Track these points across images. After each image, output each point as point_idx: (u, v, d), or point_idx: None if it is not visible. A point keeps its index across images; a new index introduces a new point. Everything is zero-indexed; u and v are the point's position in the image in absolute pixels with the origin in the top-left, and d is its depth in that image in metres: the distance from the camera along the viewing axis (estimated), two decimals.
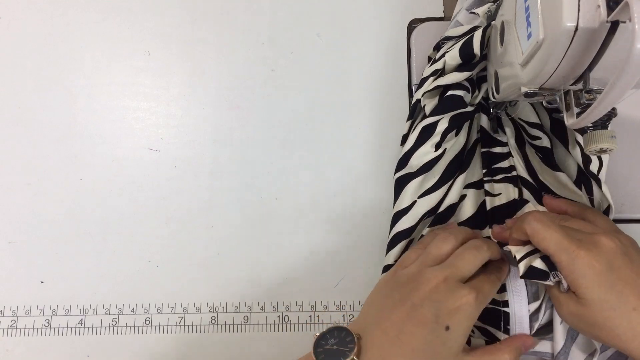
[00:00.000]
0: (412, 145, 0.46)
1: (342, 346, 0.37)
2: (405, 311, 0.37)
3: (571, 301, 0.38)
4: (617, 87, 0.29)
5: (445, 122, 0.46)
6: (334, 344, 0.38)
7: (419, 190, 0.46)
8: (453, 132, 0.46)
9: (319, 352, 0.37)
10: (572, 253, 0.37)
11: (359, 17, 0.54)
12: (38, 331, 0.46)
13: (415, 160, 0.46)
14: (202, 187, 0.50)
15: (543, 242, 0.38)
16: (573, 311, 0.38)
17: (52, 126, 0.50)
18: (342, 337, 0.38)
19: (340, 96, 0.52)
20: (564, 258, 0.37)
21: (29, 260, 0.48)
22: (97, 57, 0.52)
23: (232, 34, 0.53)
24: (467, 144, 0.48)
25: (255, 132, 0.51)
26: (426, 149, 0.46)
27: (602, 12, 0.30)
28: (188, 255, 0.48)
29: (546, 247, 0.38)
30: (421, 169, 0.46)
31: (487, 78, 0.48)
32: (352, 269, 0.48)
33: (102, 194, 0.49)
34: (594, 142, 0.38)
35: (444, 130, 0.46)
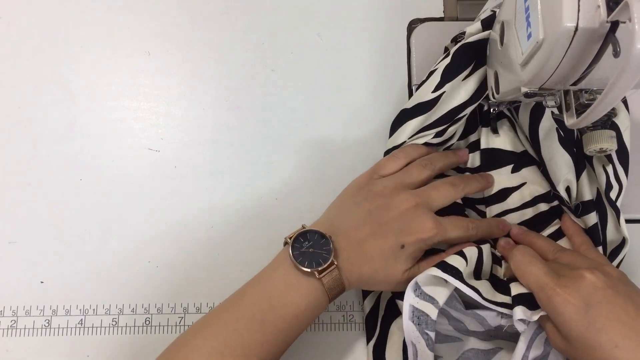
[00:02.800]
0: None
1: (318, 249, 0.39)
2: (373, 226, 0.40)
3: (557, 337, 0.38)
4: (617, 87, 0.29)
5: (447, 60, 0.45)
6: (309, 246, 0.39)
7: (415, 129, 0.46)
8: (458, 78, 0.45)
9: (297, 256, 0.39)
10: (549, 291, 0.37)
11: (359, 17, 0.54)
12: (38, 331, 0.46)
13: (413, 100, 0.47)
14: (202, 187, 0.50)
15: (524, 277, 0.39)
16: (559, 347, 0.38)
17: (52, 126, 0.50)
18: (315, 239, 0.40)
19: (340, 96, 0.52)
20: (541, 296, 0.38)
21: (29, 260, 0.48)
22: (97, 57, 0.52)
23: (232, 34, 0.53)
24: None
25: (255, 132, 0.51)
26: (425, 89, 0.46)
27: (602, 12, 0.30)
28: (188, 255, 0.48)
29: (527, 283, 0.39)
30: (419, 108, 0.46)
31: (487, 78, 0.48)
32: None
33: (102, 194, 0.49)
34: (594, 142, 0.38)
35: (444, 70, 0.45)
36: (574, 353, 0.37)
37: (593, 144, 0.38)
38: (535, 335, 0.40)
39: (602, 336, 0.35)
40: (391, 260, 0.40)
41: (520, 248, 0.42)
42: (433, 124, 0.46)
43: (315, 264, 0.38)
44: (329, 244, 0.40)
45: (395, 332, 0.45)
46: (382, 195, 0.42)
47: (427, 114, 0.46)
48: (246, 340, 0.37)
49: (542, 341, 0.41)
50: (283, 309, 0.38)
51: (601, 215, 0.44)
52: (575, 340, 0.36)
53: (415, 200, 0.41)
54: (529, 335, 0.40)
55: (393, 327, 0.45)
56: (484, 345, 0.45)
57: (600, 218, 0.44)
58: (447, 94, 0.45)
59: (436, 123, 0.46)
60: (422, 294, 0.40)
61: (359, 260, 0.40)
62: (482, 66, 0.45)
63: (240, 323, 0.38)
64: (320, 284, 0.39)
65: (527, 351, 0.40)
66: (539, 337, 0.41)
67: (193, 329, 0.39)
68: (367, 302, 0.46)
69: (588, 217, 0.45)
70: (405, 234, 0.40)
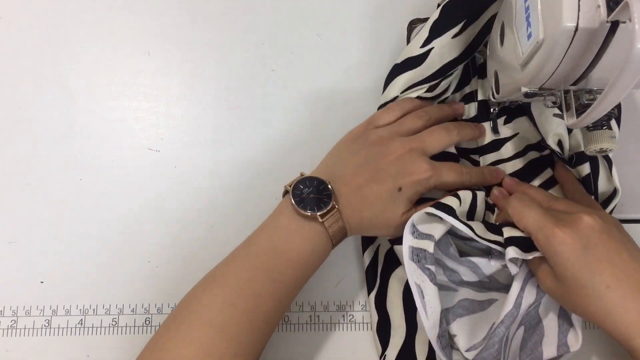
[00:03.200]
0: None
1: (318, 194, 0.40)
2: (370, 172, 0.41)
3: (549, 277, 0.39)
4: (617, 87, 0.29)
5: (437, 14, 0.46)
6: (309, 192, 0.40)
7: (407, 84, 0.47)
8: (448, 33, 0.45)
9: (298, 202, 0.39)
10: (548, 231, 0.38)
11: (359, 17, 0.54)
12: (38, 331, 0.46)
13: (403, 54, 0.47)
14: (202, 187, 0.50)
15: (522, 220, 0.40)
16: (551, 287, 0.39)
17: (52, 126, 0.50)
18: (315, 185, 0.40)
19: (340, 96, 0.52)
20: (540, 236, 0.38)
21: (29, 260, 0.48)
22: (97, 57, 0.52)
23: (232, 34, 0.53)
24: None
25: (255, 132, 0.51)
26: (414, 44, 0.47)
27: (602, 12, 0.30)
28: (188, 255, 0.48)
29: (525, 225, 0.40)
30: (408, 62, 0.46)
31: (487, 78, 0.48)
32: (352, 269, 0.48)
33: (102, 194, 0.49)
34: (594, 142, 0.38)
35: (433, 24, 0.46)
36: (565, 293, 0.38)
37: (593, 144, 0.38)
38: (527, 279, 0.42)
39: (596, 277, 0.37)
40: (389, 204, 0.41)
41: (516, 194, 0.43)
42: (425, 79, 0.47)
43: (316, 208, 0.39)
44: (328, 189, 0.40)
45: (394, 283, 0.46)
46: (377, 144, 0.43)
47: (417, 69, 0.46)
48: (257, 289, 0.38)
49: (534, 286, 0.42)
50: (288, 255, 0.39)
51: (593, 167, 0.45)
52: (569, 280, 0.37)
53: (410, 145, 0.42)
54: (522, 278, 0.41)
55: (392, 279, 0.46)
56: (479, 296, 0.45)
57: (593, 169, 0.45)
58: (437, 51, 0.46)
59: (429, 79, 0.47)
60: (419, 234, 0.41)
61: (358, 205, 0.41)
62: (473, 23, 0.45)
63: (249, 273, 0.38)
64: (322, 227, 0.39)
65: (522, 292, 0.41)
66: (530, 281, 0.42)
67: (202, 283, 0.39)
68: (366, 255, 0.47)
69: (582, 168, 0.45)
70: (401, 177, 0.41)
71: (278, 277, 0.39)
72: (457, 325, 0.44)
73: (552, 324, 0.43)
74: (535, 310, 0.44)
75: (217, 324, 0.36)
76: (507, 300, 0.41)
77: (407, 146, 0.42)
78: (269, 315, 0.38)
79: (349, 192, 0.41)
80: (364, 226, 0.42)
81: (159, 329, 0.39)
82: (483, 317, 0.44)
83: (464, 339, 0.43)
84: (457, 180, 0.44)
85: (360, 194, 0.41)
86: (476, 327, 0.43)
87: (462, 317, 0.44)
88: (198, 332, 0.36)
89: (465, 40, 0.46)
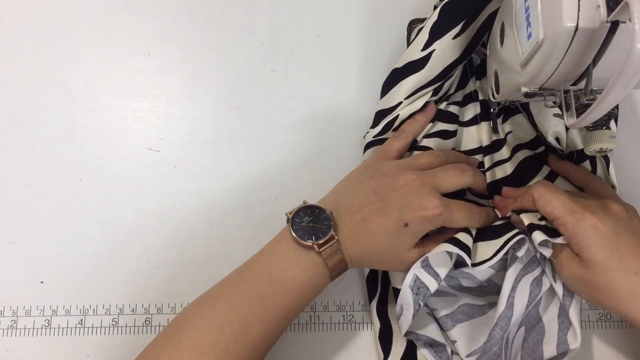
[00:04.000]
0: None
1: (318, 223, 0.39)
2: (376, 203, 0.40)
3: (574, 263, 0.39)
4: (617, 87, 0.29)
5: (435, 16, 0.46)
6: (309, 221, 0.39)
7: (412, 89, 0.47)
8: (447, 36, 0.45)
9: (297, 230, 0.39)
10: (577, 214, 0.38)
11: (359, 17, 0.54)
12: (38, 331, 0.46)
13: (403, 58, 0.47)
14: (202, 187, 0.50)
15: (549, 205, 0.39)
16: (575, 273, 0.39)
17: (52, 126, 0.50)
18: (316, 214, 0.40)
19: (340, 96, 0.52)
20: (569, 220, 0.38)
21: (29, 260, 0.47)
22: (97, 57, 0.52)
23: (232, 34, 0.53)
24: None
25: (255, 132, 0.51)
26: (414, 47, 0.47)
27: (602, 12, 0.30)
28: (188, 255, 0.48)
29: (552, 209, 0.39)
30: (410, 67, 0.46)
31: (487, 78, 0.48)
32: (352, 269, 0.48)
33: (102, 194, 0.49)
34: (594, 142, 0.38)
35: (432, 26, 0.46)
36: (590, 279, 0.38)
37: (593, 144, 0.38)
38: (519, 278, 0.42)
39: (624, 262, 0.37)
40: (394, 239, 0.40)
41: (541, 181, 0.42)
42: (430, 82, 0.47)
43: (314, 238, 0.38)
44: (329, 219, 0.39)
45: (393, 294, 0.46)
46: (388, 174, 0.42)
47: (420, 73, 0.46)
48: (247, 316, 0.37)
49: (527, 284, 0.42)
50: (283, 283, 0.38)
51: (591, 164, 0.46)
52: (597, 264, 0.38)
53: (422, 179, 0.41)
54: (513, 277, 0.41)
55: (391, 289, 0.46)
56: (478, 300, 0.45)
57: (592, 167, 0.46)
58: (438, 52, 0.45)
59: (433, 81, 0.47)
60: (427, 266, 0.41)
61: (361, 237, 0.40)
62: (473, 23, 0.45)
63: (241, 299, 0.38)
64: (320, 258, 0.39)
65: (513, 291, 0.41)
66: (523, 280, 0.42)
67: (194, 304, 0.39)
68: None
69: (583, 165, 0.46)
70: (408, 212, 0.39)
71: (271, 304, 0.38)
72: (457, 330, 0.43)
73: (552, 323, 0.43)
74: (535, 309, 0.44)
75: (202, 347, 0.36)
76: (499, 301, 0.41)
77: (419, 180, 0.40)
78: (257, 343, 0.37)
79: (352, 223, 0.40)
80: (366, 259, 0.41)
81: (149, 345, 0.38)
82: (483, 321, 0.44)
83: (464, 344, 0.43)
84: (465, 221, 0.42)
85: (365, 226, 0.40)
86: (476, 332, 0.43)
87: (462, 322, 0.44)
88: (182, 352, 0.36)
89: (466, 39, 0.46)
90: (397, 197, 0.40)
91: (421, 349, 0.43)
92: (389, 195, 0.40)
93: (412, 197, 0.40)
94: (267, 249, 0.40)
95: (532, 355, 0.43)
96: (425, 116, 0.48)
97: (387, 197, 0.40)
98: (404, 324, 0.41)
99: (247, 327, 0.37)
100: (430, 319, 0.44)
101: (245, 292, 0.38)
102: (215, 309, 0.38)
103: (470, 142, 0.50)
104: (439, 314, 0.44)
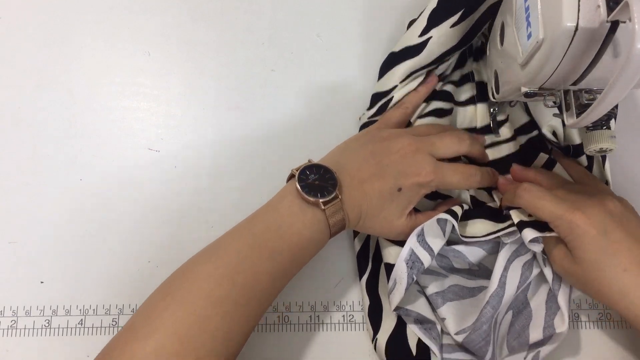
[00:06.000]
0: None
1: (323, 182, 0.40)
2: (374, 167, 0.41)
3: (565, 258, 0.40)
4: (617, 87, 0.29)
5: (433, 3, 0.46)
6: (314, 179, 0.40)
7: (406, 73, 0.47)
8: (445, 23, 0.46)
9: (303, 187, 0.39)
10: (568, 215, 0.38)
11: (359, 17, 0.54)
12: (38, 331, 0.46)
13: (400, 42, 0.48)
14: (202, 187, 0.50)
15: (538, 212, 0.40)
16: (566, 268, 0.40)
17: (52, 126, 0.50)
18: (321, 173, 0.40)
19: (340, 96, 0.52)
20: (559, 223, 0.39)
21: (29, 260, 0.48)
22: (97, 57, 0.52)
23: (232, 34, 0.53)
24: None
25: (255, 132, 0.51)
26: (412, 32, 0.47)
27: (602, 12, 0.30)
28: (188, 256, 0.48)
29: (542, 215, 0.40)
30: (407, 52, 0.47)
31: (487, 78, 0.48)
32: (352, 269, 0.48)
33: (102, 194, 0.49)
34: (593, 142, 0.38)
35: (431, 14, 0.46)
36: (581, 275, 0.39)
37: (593, 144, 0.38)
38: (512, 259, 0.43)
39: (614, 260, 0.38)
40: (387, 203, 0.41)
41: (524, 186, 0.42)
42: (425, 66, 0.47)
43: (320, 195, 0.39)
44: (334, 178, 0.40)
45: (384, 271, 0.46)
46: (386, 139, 0.43)
47: (416, 58, 0.46)
48: (257, 267, 0.37)
49: (519, 265, 0.43)
50: (289, 237, 0.39)
51: (588, 159, 0.46)
52: (587, 262, 0.38)
53: (417, 144, 0.42)
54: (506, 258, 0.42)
55: (383, 266, 0.46)
56: (469, 283, 0.46)
57: (589, 162, 0.46)
58: (435, 40, 0.46)
59: (427, 66, 0.47)
60: (423, 241, 0.42)
61: (359, 199, 0.40)
62: (472, 13, 0.45)
63: (252, 251, 0.38)
64: (323, 215, 0.39)
65: (505, 271, 0.42)
66: (515, 260, 0.43)
67: (200, 256, 0.39)
68: (357, 241, 0.48)
69: (580, 160, 0.46)
70: (403, 177, 0.40)
71: (277, 257, 0.38)
72: (447, 308, 0.44)
73: (540, 308, 0.44)
74: (523, 294, 0.45)
75: (215, 298, 0.36)
76: (492, 280, 0.42)
77: (415, 145, 0.42)
78: (264, 295, 0.38)
79: (352, 184, 0.41)
80: (360, 222, 0.41)
81: (152, 296, 0.37)
82: (473, 303, 0.44)
83: (454, 322, 0.43)
84: (462, 183, 0.43)
85: (362, 189, 0.41)
86: (466, 312, 0.44)
87: (452, 301, 0.44)
88: (195, 304, 0.35)
89: (463, 29, 0.46)
90: (393, 161, 0.41)
91: (410, 325, 0.44)
92: (385, 159, 0.41)
93: (406, 162, 0.41)
94: (273, 204, 0.41)
95: (518, 339, 0.44)
96: (427, 87, 0.48)
97: (383, 161, 0.41)
98: (395, 298, 0.41)
99: (257, 279, 0.37)
100: (420, 296, 0.45)
101: (255, 244, 0.38)
102: (226, 260, 0.38)
103: (466, 122, 0.50)
104: (429, 292, 0.45)
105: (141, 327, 0.35)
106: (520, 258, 0.43)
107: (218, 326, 0.35)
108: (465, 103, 0.50)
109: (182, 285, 0.37)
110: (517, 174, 0.46)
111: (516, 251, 0.43)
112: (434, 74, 0.48)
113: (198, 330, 0.35)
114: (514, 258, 0.43)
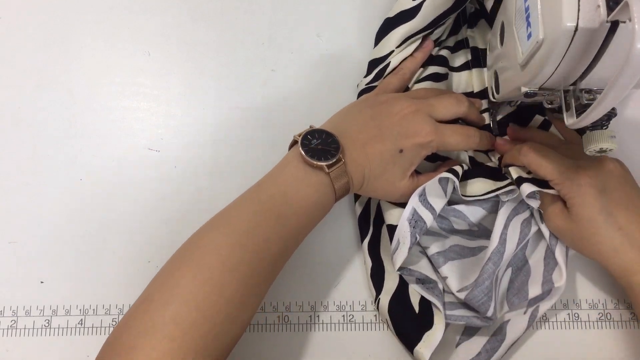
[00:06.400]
0: None
1: (325, 146, 0.40)
2: (374, 129, 0.41)
3: (562, 215, 0.41)
4: (617, 87, 0.29)
5: None
6: (317, 144, 0.40)
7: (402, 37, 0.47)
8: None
9: (306, 152, 0.39)
10: (570, 174, 0.40)
11: (359, 17, 0.54)
12: (38, 331, 0.46)
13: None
14: (202, 187, 0.50)
15: (542, 169, 0.41)
16: (561, 225, 0.42)
17: (52, 126, 0.50)
18: (323, 137, 0.40)
19: (340, 96, 0.52)
20: (561, 180, 0.40)
21: (29, 260, 0.48)
22: (97, 57, 0.52)
23: (232, 34, 0.53)
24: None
25: (255, 132, 0.51)
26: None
27: (602, 12, 0.30)
28: None
29: (545, 173, 0.41)
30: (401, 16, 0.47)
31: (487, 78, 0.48)
32: (352, 269, 0.48)
33: (102, 194, 0.49)
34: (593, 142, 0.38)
35: None
36: (576, 232, 0.41)
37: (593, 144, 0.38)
38: (511, 217, 0.44)
39: (610, 218, 0.39)
40: (390, 165, 0.41)
41: (529, 144, 0.42)
42: (420, 31, 0.47)
43: (324, 159, 0.39)
44: (336, 142, 0.40)
45: (386, 233, 0.46)
46: (385, 103, 0.43)
47: (411, 22, 0.47)
48: (266, 233, 0.38)
49: (518, 223, 0.44)
50: (297, 202, 0.39)
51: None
52: (584, 220, 0.40)
53: (416, 106, 0.42)
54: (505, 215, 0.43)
55: (384, 229, 0.46)
56: (469, 243, 0.46)
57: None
58: (429, 2, 0.46)
59: (423, 30, 0.47)
60: (425, 200, 0.42)
61: (361, 162, 0.41)
62: None
63: (260, 216, 0.38)
64: (328, 179, 0.39)
65: (505, 229, 0.43)
66: (515, 218, 0.44)
67: (210, 224, 0.39)
68: (357, 205, 0.48)
69: None
70: (403, 138, 0.41)
71: (285, 222, 0.38)
72: (449, 267, 0.44)
73: (538, 265, 0.45)
74: (522, 252, 0.45)
75: (230, 265, 0.36)
76: (492, 237, 0.43)
77: (414, 107, 0.42)
78: (275, 260, 0.38)
79: (354, 148, 0.41)
80: (364, 185, 0.42)
81: (166, 266, 0.38)
82: (474, 262, 0.45)
83: (456, 280, 0.44)
84: (461, 144, 0.43)
85: (364, 151, 0.41)
86: (467, 271, 0.44)
87: (454, 260, 0.45)
88: (211, 271, 0.36)
89: None
90: (393, 123, 0.41)
91: (413, 284, 0.44)
92: (385, 122, 0.41)
93: (405, 124, 0.41)
94: (277, 170, 0.41)
95: (518, 295, 0.44)
96: (423, 52, 0.48)
97: (383, 124, 0.41)
98: (399, 258, 0.42)
99: (268, 244, 0.38)
100: (422, 257, 0.45)
101: (264, 210, 0.38)
102: (235, 227, 0.38)
103: (461, 87, 0.50)
104: (430, 252, 0.45)
105: (159, 296, 0.36)
106: (519, 216, 0.44)
107: (234, 292, 0.36)
108: (460, 68, 0.51)
109: (195, 253, 0.37)
110: (514, 134, 0.47)
111: (515, 209, 0.44)
112: (429, 39, 0.48)
113: (216, 297, 0.35)
114: (513, 216, 0.44)
